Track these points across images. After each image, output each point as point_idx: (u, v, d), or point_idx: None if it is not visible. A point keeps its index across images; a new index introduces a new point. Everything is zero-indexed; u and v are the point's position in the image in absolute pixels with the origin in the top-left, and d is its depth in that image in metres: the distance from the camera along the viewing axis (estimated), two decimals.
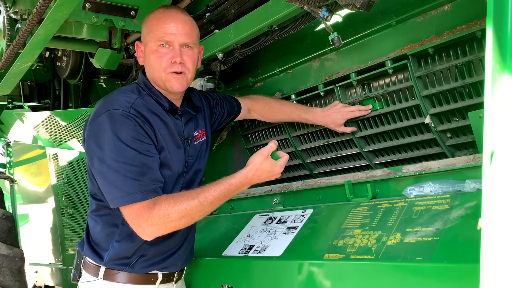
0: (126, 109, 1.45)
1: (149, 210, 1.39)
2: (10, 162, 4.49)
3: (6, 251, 2.98)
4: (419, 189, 1.50)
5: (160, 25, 1.55)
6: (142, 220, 1.39)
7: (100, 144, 1.42)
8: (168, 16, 1.56)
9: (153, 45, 1.55)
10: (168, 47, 1.55)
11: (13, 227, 3.21)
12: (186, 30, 1.57)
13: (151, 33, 1.56)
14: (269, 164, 1.47)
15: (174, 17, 1.57)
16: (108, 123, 1.42)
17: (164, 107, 1.59)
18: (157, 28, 1.55)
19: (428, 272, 1.23)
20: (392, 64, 1.71)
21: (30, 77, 3.89)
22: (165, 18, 1.56)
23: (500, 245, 0.78)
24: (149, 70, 1.61)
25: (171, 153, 1.56)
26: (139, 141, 1.43)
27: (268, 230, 1.82)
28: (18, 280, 3.01)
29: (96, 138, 1.44)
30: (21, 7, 2.14)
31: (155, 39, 1.55)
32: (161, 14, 1.58)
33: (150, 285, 1.62)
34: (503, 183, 0.78)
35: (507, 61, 0.80)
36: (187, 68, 1.58)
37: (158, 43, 1.54)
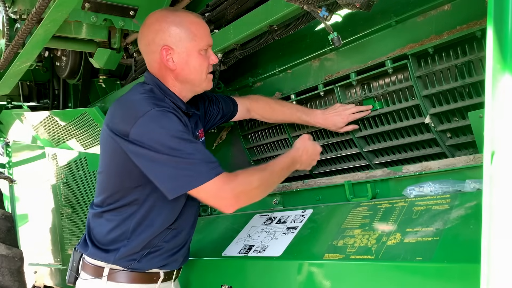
0: (163, 108, 1.48)
1: (230, 180, 1.44)
2: (9, 162, 4.48)
3: (5, 251, 2.97)
4: (419, 189, 1.50)
5: (203, 30, 1.62)
6: (226, 191, 1.44)
7: (154, 142, 1.42)
8: (202, 20, 1.65)
9: (197, 48, 1.59)
10: (206, 50, 1.63)
11: (12, 227, 3.21)
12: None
13: (196, 38, 1.58)
14: (311, 143, 1.76)
15: (204, 21, 1.67)
16: (156, 121, 1.44)
17: (181, 108, 1.62)
18: (201, 32, 1.61)
19: (428, 272, 1.23)
20: (392, 64, 1.71)
21: (29, 77, 3.88)
22: (202, 23, 1.64)
23: (500, 245, 0.78)
24: (191, 74, 1.60)
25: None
26: (187, 132, 1.49)
27: (267, 230, 1.82)
28: (17, 280, 3.00)
29: (148, 139, 1.43)
30: (20, 7, 2.14)
31: (203, 44, 1.60)
32: (195, 19, 1.63)
33: (153, 283, 1.63)
34: (504, 183, 0.78)
35: (507, 60, 0.80)
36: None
37: (204, 47, 1.61)
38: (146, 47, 1.62)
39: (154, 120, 1.43)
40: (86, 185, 2.95)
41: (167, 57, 1.57)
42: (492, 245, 0.78)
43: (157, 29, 1.58)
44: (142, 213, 1.56)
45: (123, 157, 1.48)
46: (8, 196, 4.42)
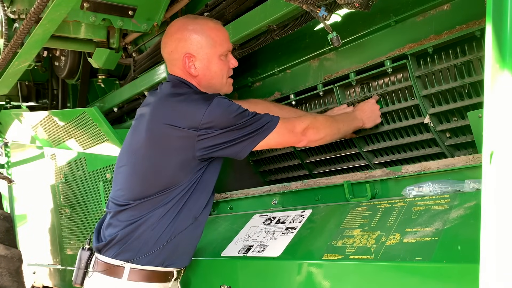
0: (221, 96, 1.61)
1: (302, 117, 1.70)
2: (8, 162, 4.47)
3: (4, 252, 2.97)
4: (418, 189, 1.50)
5: (223, 36, 1.69)
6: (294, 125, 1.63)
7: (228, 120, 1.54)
8: (221, 26, 1.73)
9: (219, 55, 1.67)
10: (227, 55, 1.71)
11: (11, 227, 3.20)
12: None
13: (216, 44, 1.66)
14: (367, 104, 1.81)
15: (223, 27, 1.74)
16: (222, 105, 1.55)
17: None
18: (222, 39, 1.68)
19: (427, 272, 1.23)
20: (391, 63, 1.71)
21: (28, 77, 3.88)
22: (222, 29, 1.71)
23: (499, 245, 0.77)
24: (213, 79, 1.69)
25: None
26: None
27: (267, 230, 1.82)
28: (16, 281, 3.00)
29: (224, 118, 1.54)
30: (19, 7, 2.14)
31: (224, 49, 1.68)
32: (215, 25, 1.70)
33: (167, 282, 1.68)
34: (503, 183, 0.78)
35: (506, 60, 0.80)
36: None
37: (225, 52, 1.69)
38: (169, 55, 1.70)
39: (221, 104, 1.55)
40: (85, 186, 2.94)
41: (189, 64, 1.65)
42: (491, 245, 0.78)
43: (179, 37, 1.66)
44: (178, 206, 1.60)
45: (182, 153, 1.55)
46: (7, 196, 4.42)
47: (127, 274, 1.58)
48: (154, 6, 2.25)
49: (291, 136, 1.64)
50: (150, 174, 1.60)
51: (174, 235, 1.61)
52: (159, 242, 1.59)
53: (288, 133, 1.62)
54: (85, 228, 2.97)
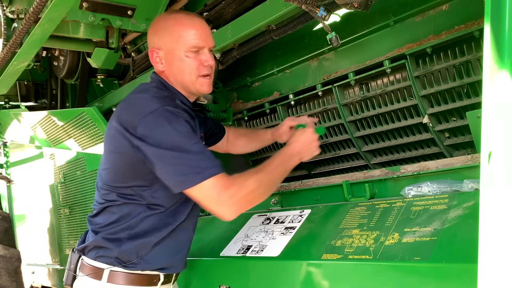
0: (174, 106, 1.50)
1: (228, 186, 1.41)
2: (7, 162, 4.46)
3: (2, 252, 2.97)
4: (417, 189, 1.50)
5: (191, 31, 1.58)
6: (224, 198, 1.42)
7: (160, 139, 1.44)
8: (195, 22, 1.62)
9: (183, 50, 1.58)
10: (198, 52, 1.59)
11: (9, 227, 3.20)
12: (211, 35, 1.65)
13: (181, 39, 1.58)
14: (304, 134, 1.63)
15: (201, 23, 1.63)
16: (164, 119, 1.45)
17: (187, 105, 1.63)
18: (188, 34, 1.58)
19: (426, 272, 1.23)
20: (390, 63, 1.71)
21: (27, 76, 3.87)
22: (193, 24, 1.60)
23: (498, 245, 0.78)
24: (177, 76, 1.62)
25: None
26: (194, 132, 1.49)
27: (266, 230, 1.82)
28: (15, 281, 3.00)
29: (155, 134, 1.44)
30: (18, 6, 2.14)
31: (188, 45, 1.58)
32: (186, 20, 1.61)
33: (152, 286, 1.63)
34: (501, 183, 0.78)
35: (505, 60, 0.80)
36: (212, 71, 1.65)
37: (190, 48, 1.58)
38: (148, 49, 1.68)
39: (162, 118, 1.44)
40: (84, 185, 2.94)
41: (155, 58, 1.62)
42: (490, 245, 0.78)
43: (151, 32, 1.65)
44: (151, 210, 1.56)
45: (131, 153, 1.48)
46: (6, 196, 4.41)
47: (106, 276, 1.57)
48: (153, 6, 2.25)
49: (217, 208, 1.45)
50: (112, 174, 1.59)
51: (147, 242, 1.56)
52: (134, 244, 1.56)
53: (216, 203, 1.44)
54: (84, 228, 2.96)
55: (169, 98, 1.56)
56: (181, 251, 1.68)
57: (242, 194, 1.44)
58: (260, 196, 1.52)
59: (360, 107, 1.88)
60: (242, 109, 2.33)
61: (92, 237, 1.63)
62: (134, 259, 1.57)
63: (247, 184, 1.45)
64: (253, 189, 1.46)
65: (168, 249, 1.62)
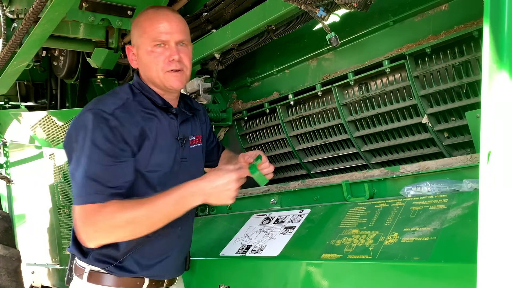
0: (108, 110, 1.45)
1: (97, 213, 1.35)
2: (6, 162, 4.46)
3: (2, 252, 2.97)
4: (416, 188, 1.50)
5: (154, 25, 1.54)
6: (88, 223, 1.36)
7: (77, 140, 1.43)
8: (161, 15, 1.56)
9: (148, 45, 1.54)
10: (163, 46, 1.54)
11: (9, 227, 3.21)
12: (180, 28, 1.57)
13: (145, 34, 1.55)
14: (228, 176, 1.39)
15: (167, 16, 1.56)
16: (88, 122, 1.43)
17: (157, 104, 1.58)
18: (151, 28, 1.54)
19: (425, 271, 1.23)
20: (389, 63, 1.71)
21: (27, 76, 3.88)
22: (158, 18, 1.55)
23: (497, 245, 0.78)
24: (145, 72, 1.59)
25: (162, 151, 1.55)
26: (111, 144, 1.42)
27: (265, 230, 1.82)
28: (14, 281, 3.00)
29: (75, 134, 1.45)
30: (18, 7, 2.14)
31: (151, 40, 1.53)
32: (153, 14, 1.57)
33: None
34: (500, 182, 0.78)
35: (504, 60, 0.80)
36: (184, 65, 1.58)
37: (153, 43, 1.53)
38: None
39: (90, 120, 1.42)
40: None
41: (131, 56, 1.61)
42: (489, 245, 0.78)
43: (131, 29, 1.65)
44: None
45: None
46: (6, 196, 4.41)
47: (86, 275, 1.55)
48: None
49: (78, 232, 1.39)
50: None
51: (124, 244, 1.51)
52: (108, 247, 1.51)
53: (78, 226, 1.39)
54: None
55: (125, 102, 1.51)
56: (162, 259, 1.60)
57: (104, 226, 1.36)
58: (124, 235, 1.40)
59: (359, 107, 1.89)
60: (241, 109, 2.33)
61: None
62: (111, 263, 1.53)
63: (113, 222, 1.36)
64: (118, 225, 1.36)
65: (143, 257, 1.56)
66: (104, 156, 1.40)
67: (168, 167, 1.57)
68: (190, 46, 1.63)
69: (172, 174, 1.58)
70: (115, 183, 1.40)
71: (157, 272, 1.60)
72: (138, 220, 1.37)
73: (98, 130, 1.41)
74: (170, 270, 1.65)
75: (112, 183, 1.39)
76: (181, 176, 1.60)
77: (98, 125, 1.42)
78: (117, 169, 1.42)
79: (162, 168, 1.55)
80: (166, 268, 1.62)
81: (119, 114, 1.46)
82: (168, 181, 1.56)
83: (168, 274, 1.65)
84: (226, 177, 1.39)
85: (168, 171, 1.57)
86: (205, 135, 1.81)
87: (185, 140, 1.64)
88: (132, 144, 1.46)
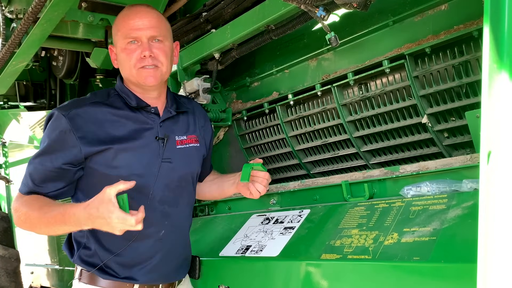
0: (65, 112, 1.49)
1: (16, 201, 1.51)
2: (5, 162, 4.46)
3: (2, 252, 2.97)
4: (416, 189, 1.50)
5: (126, 22, 1.54)
6: (11, 207, 1.54)
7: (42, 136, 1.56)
8: (133, 12, 1.56)
9: (122, 43, 1.54)
10: (136, 43, 1.53)
11: (8, 227, 3.20)
12: (152, 23, 1.55)
13: (119, 32, 1.55)
14: (107, 210, 1.25)
15: (139, 12, 1.55)
16: (48, 120, 1.53)
17: (131, 104, 1.57)
18: (123, 26, 1.54)
19: (425, 272, 1.23)
20: (389, 63, 1.71)
21: (26, 76, 3.88)
22: (130, 14, 1.55)
23: (497, 245, 0.78)
24: (122, 70, 1.60)
25: (130, 151, 1.51)
26: (54, 147, 1.49)
27: (265, 230, 1.82)
28: (13, 281, 3.00)
29: (44, 127, 1.57)
30: (17, 6, 2.14)
31: (123, 37, 1.54)
32: (127, 11, 1.57)
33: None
34: (500, 182, 0.78)
35: (504, 60, 0.80)
36: (159, 61, 1.55)
37: (126, 40, 1.53)
38: None
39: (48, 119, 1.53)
40: None
41: (112, 56, 1.63)
42: (489, 245, 0.78)
43: None
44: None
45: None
46: (5, 196, 4.41)
47: (78, 274, 1.57)
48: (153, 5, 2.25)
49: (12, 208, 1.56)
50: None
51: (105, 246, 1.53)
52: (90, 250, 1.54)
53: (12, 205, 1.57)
54: None
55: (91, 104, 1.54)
56: (146, 264, 1.56)
57: (15, 217, 1.50)
58: (29, 228, 1.50)
59: (359, 107, 1.88)
60: (241, 109, 2.33)
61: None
62: (95, 265, 1.52)
63: (18, 214, 1.48)
64: (21, 220, 1.48)
65: (125, 260, 1.53)
66: (45, 157, 1.50)
67: (140, 168, 1.52)
68: (168, 43, 1.60)
69: (150, 175, 1.53)
70: (42, 185, 1.50)
71: (145, 277, 1.55)
72: (32, 221, 1.46)
73: (48, 132, 1.51)
74: (160, 276, 1.59)
75: (40, 184, 1.50)
76: (166, 178, 1.57)
77: (50, 126, 1.51)
78: (50, 171, 1.49)
79: (129, 169, 1.50)
80: (154, 273, 1.57)
81: (76, 116, 1.49)
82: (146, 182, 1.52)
83: (159, 280, 1.60)
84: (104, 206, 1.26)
85: (141, 173, 1.52)
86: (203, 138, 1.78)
87: (166, 140, 1.59)
88: (82, 150, 1.48)
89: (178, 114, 1.67)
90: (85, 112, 1.51)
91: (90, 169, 1.51)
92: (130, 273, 1.55)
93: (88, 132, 1.48)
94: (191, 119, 1.74)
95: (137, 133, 1.55)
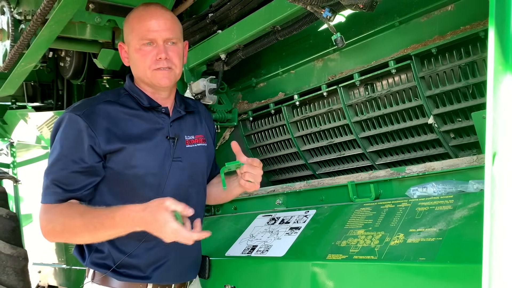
0: (79, 112, 1.48)
1: (45, 213, 1.45)
2: (13, 162, 4.50)
3: (10, 251, 2.99)
4: (422, 189, 1.50)
5: (142, 23, 1.53)
6: (40, 221, 1.46)
7: (52, 142, 1.52)
8: (149, 13, 1.55)
9: (136, 44, 1.54)
10: (152, 44, 1.53)
11: (16, 227, 3.22)
12: (168, 25, 1.56)
13: (133, 32, 1.55)
14: (164, 218, 1.30)
15: (155, 14, 1.55)
16: (60, 124, 1.50)
17: (143, 104, 1.58)
18: (139, 26, 1.53)
19: (431, 272, 1.23)
20: (395, 64, 1.71)
21: (34, 77, 3.91)
22: (146, 16, 1.54)
23: (502, 246, 0.78)
24: (134, 70, 1.60)
25: (144, 151, 1.52)
26: (73, 148, 1.47)
27: (271, 230, 1.82)
28: (21, 280, 3.02)
29: (52, 135, 1.53)
30: (25, 8, 2.16)
31: (138, 38, 1.53)
32: (141, 12, 1.57)
33: None
34: (505, 184, 0.78)
35: (509, 61, 0.80)
36: (173, 64, 1.57)
37: (141, 41, 1.53)
38: None
39: (61, 122, 1.49)
40: None
41: (123, 54, 1.62)
42: (494, 246, 0.78)
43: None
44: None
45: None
46: (13, 196, 4.44)
47: (91, 276, 1.56)
48: None
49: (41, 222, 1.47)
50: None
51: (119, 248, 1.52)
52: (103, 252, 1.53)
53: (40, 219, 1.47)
54: None
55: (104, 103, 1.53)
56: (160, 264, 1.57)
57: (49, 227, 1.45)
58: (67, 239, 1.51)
59: (365, 107, 1.89)
60: (247, 110, 2.34)
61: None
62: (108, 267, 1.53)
63: (52, 225, 1.43)
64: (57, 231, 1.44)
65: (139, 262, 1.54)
66: (65, 161, 1.47)
67: (155, 167, 1.54)
68: (181, 44, 1.62)
69: (162, 174, 1.55)
70: (72, 187, 1.46)
71: (158, 277, 1.57)
72: (73, 230, 1.41)
73: (64, 135, 1.48)
74: (173, 276, 1.61)
75: (69, 187, 1.46)
76: (176, 177, 1.58)
77: (65, 129, 1.48)
78: (74, 175, 1.47)
79: (145, 168, 1.52)
80: (167, 273, 1.59)
81: (91, 114, 1.49)
82: (159, 181, 1.54)
83: (172, 280, 1.61)
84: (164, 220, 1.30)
85: (156, 172, 1.54)
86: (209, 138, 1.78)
87: (177, 139, 1.60)
88: (101, 147, 1.47)
89: (186, 114, 1.69)
90: (99, 110, 1.51)
91: (106, 169, 1.51)
92: (144, 273, 1.55)
93: (105, 130, 1.48)
94: (197, 119, 1.76)
95: (150, 133, 1.56)
